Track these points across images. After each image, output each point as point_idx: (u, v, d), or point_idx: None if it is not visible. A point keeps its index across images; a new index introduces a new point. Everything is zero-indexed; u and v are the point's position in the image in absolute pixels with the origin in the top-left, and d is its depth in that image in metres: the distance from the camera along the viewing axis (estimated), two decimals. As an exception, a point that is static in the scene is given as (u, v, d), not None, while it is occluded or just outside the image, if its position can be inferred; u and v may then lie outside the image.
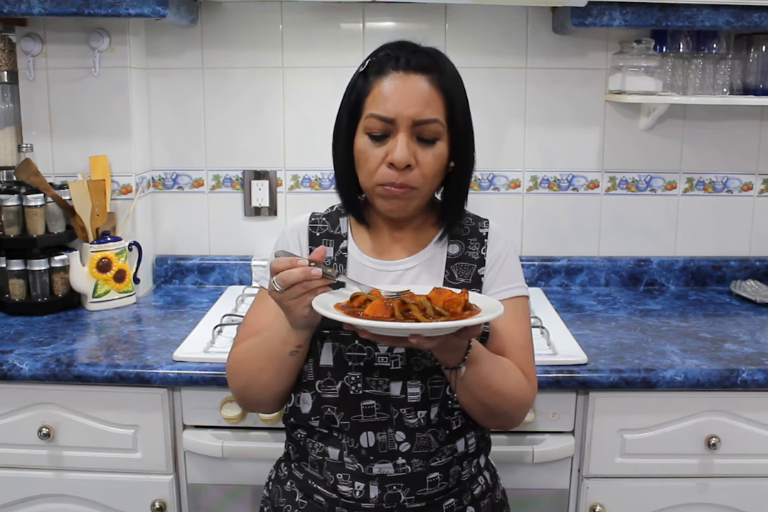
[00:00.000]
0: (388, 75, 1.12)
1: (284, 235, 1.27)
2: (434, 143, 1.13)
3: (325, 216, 1.27)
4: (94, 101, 1.89)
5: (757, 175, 2.08)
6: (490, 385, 1.08)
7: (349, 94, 1.16)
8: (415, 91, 1.10)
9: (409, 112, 1.09)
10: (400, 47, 1.15)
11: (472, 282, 1.20)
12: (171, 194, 2.08)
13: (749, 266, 2.10)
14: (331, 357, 1.15)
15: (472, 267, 1.21)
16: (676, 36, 1.94)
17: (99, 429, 1.51)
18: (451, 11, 1.99)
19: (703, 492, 1.53)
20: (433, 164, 1.13)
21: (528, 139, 2.05)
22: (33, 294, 1.81)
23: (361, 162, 1.15)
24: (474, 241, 1.23)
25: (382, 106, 1.10)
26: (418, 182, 1.13)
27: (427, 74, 1.12)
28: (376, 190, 1.14)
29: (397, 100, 1.10)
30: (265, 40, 2.00)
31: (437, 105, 1.11)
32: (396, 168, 1.11)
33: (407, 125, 1.10)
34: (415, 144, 1.11)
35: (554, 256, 2.09)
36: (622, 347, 1.60)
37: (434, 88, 1.11)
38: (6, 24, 1.89)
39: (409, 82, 1.11)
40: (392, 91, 1.11)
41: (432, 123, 1.11)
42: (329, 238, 1.23)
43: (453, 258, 1.22)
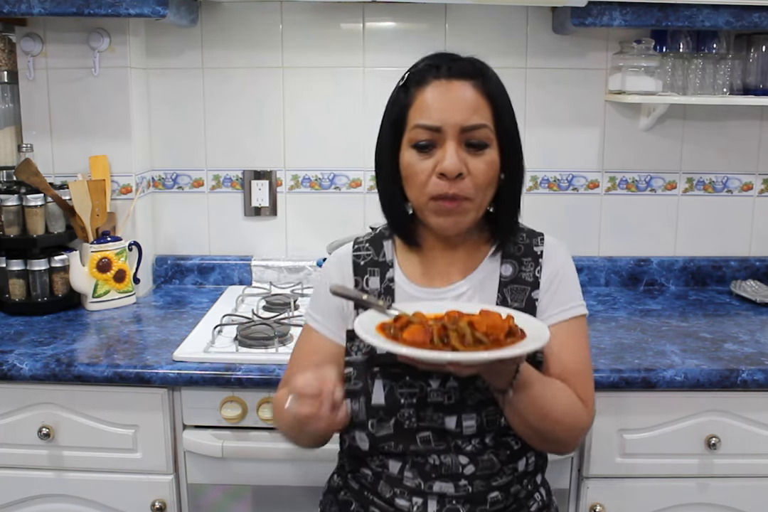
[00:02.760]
0: (431, 84, 1.08)
1: (327, 266, 1.22)
2: (484, 150, 1.08)
3: (369, 240, 1.21)
4: (94, 101, 1.89)
5: (757, 175, 2.08)
6: (541, 409, 1.04)
7: (390, 108, 1.13)
8: (460, 97, 1.07)
9: (455, 118, 1.06)
10: (439, 57, 1.13)
11: (525, 306, 1.14)
12: (171, 194, 2.08)
13: (749, 266, 2.10)
14: (383, 395, 1.10)
15: (525, 290, 1.15)
16: (676, 36, 1.94)
17: (99, 429, 1.51)
18: (451, 11, 1.99)
19: (703, 492, 1.53)
20: (485, 172, 1.08)
21: (528, 139, 2.02)
22: (33, 294, 1.81)
23: (410, 177, 1.10)
24: (528, 260, 1.17)
25: (427, 115, 1.07)
26: (471, 192, 1.08)
27: (470, 80, 1.08)
28: (428, 206, 1.09)
29: (443, 108, 1.07)
30: (265, 40, 2.00)
31: (484, 110, 1.08)
32: (447, 178, 1.06)
33: (455, 132, 1.06)
34: (464, 152, 1.07)
35: (554, 256, 2.09)
36: (622, 347, 1.60)
37: (479, 93, 1.08)
38: (6, 24, 1.89)
39: (452, 89, 1.08)
40: (436, 98, 1.07)
41: (480, 128, 1.07)
42: (374, 267, 1.18)
43: (506, 280, 1.16)
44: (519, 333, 0.97)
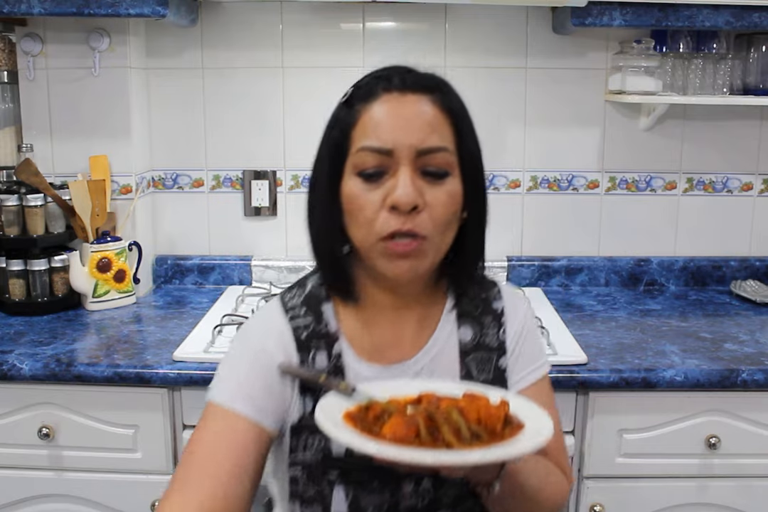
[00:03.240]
0: (379, 98, 0.90)
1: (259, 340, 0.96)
2: (445, 179, 0.90)
3: (304, 303, 0.98)
4: (94, 101, 1.89)
5: (757, 175, 2.08)
6: (528, 494, 0.92)
7: (329, 130, 0.95)
8: (415, 113, 0.89)
9: (410, 139, 0.88)
10: (391, 69, 0.94)
11: (493, 377, 0.99)
12: (171, 194, 2.08)
13: (749, 266, 2.10)
14: (345, 505, 0.92)
15: (490, 358, 0.99)
16: (676, 36, 1.94)
17: (99, 429, 1.51)
18: (451, 11, 1.99)
19: (703, 492, 1.53)
20: (446, 204, 0.90)
21: (528, 139, 2.05)
22: (33, 294, 1.81)
23: (353, 212, 0.90)
24: (489, 321, 1.01)
25: (375, 134, 0.88)
26: (429, 229, 0.89)
27: (428, 94, 0.91)
28: (377, 248, 0.90)
29: (394, 126, 0.88)
30: (265, 40, 2.00)
31: (444, 131, 0.90)
32: (400, 211, 0.87)
33: (410, 156, 0.88)
34: (421, 180, 0.89)
35: (554, 256, 2.09)
36: (622, 347, 1.60)
37: (439, 110, 0.90)
38: (6, 24, 1.89)
39: (407, 104, 0.89)
40: (387, 115, 0.89)
41: (440, 152, 0.89)
42: (318, 340, 0.96)
43: (467, 347, 0.99)
44: (515, 420, 0.83)
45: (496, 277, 1.08)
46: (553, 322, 1.71)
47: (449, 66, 2.00)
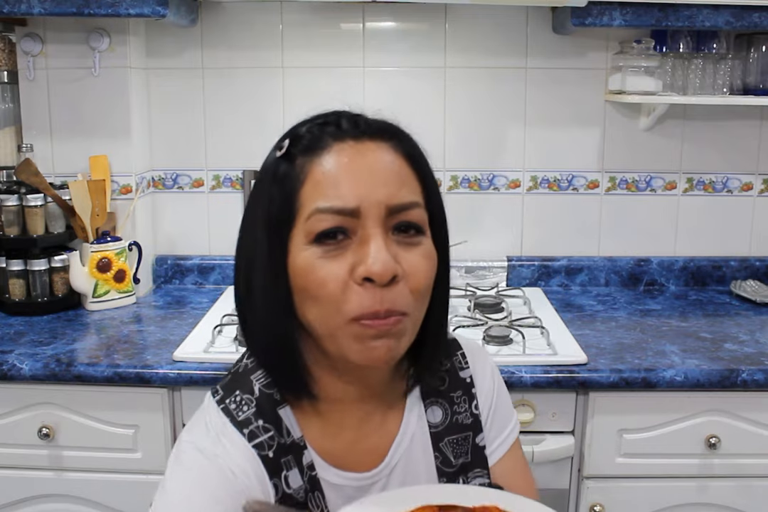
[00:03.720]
0: (331, 149, 0.74)
1: (220, 464, 0.76)
2: (420, 238, 0.75)
3: (259, 414, 0.79)
4: (94, 101, 1.89)
5: (757, 175, 2.08)
6: None
7: (264, 194, 0.78)
8: (380, 164, 0.74)
9: (378, 194, 0.72)
10: (332, 113, 0.80)
11: (472, 459, 0.87)
12: (171, 194, 2.08)
13: (749, 266, 2.10)
14: None
15: (467, 437, 0.87)
16: (676, 36, 1.94)
17: (99, 429, 1.51)
18: (451, 11, 1.99)
19: (703, 492, 1.53)
20: (425, 270, 0.75)
21: (528, 139, 2.05)
22: (33, 294, 1.81)
23: (309, 290, 0.73)
24: (459, 395, 0.88)
25: (334, 193, 0.72)
26: (409, 303, 0.74)
27: (387, 141, 0.76)
28: (345, 331, 0.73)
29: (358, 180, 0.73)
30: (265, 40, 2.00)
31: (412, 182, 0.76)
32: (376, 284, 0.71)
33: (379, 215, 0.72)
34: (393, 244, 0.74)
35: (554, 256, 2.09)
36: (622, 347, 1.60)
37: (403, 158, 0.76)
38: (6, 24, 1.88)
39: (367, 153, 0.75)
40: (345, 168, 0.73)
41: (413, 208, 0.75)
42: (286, 455, 0.79)
43: (438, 429, 0.86)
44: None
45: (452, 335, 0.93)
46: (553, 322, 1.71)
47: (449, 66, 2.00)
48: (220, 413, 0.80)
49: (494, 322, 1.68)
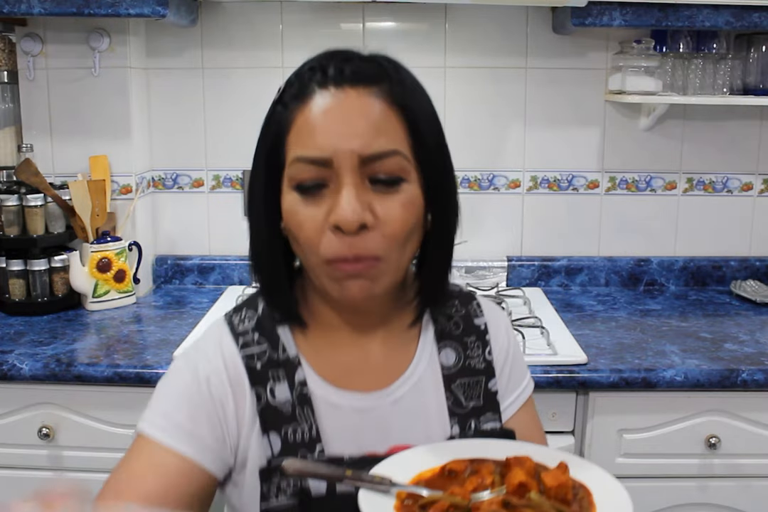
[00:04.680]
0: (314, 96, 0.76)
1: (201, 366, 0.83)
2: (399, 186, 0.76)
3: (257, 328, 0.85)
4: (94, 101, 1.89)
5: (757, 175, 2.08)
6: None
7: (264, 134, 0.82)
8: (357, 113, 0.75)
9: (351, 144, 0.73)
10: (329, 56, 0.82)
11: (484, 403, 0.88)
12: (171, 194, 2.08)
13: (749, 266, 2.10)
14: None
15: (479, 381, 0.89)
16: (676, 36, 1.94)
17: (99, 429, 1.51)
18: (451, 11, 1.99)
19: (703, 492, 1.53)
20: (401, 218, 0.76)
21: (528, 139, 2.05)
22: (33, 294, 1.81)
23: (292, 230, 0.78)
24: (472, 341, 0.91)
25: (311, 142, 0.75)
26: (382, 249, 0.75)
27: (372, 86, 0.77)
28: (323, 271, 0.78)
29: (331, 130, 0.74)
30: (265, 40, 2.00)
31: (394, 129, 0.76)
32: (344, 232, 0.74)
33: (352, 165, 0.74)
34: (369, 192, 0.75)
35: (554, 256, 2.09)
36: (622, 347, 1.60)
37: (387, 104, 0.76)
38: (6, 24, 1.89)
39: (345, 101, 0.75)
40: (322, 117, 0.75)
41: (390, 156, 0.75)
42: (276, 369, 0.83)
43: (451, 372, 0.88)
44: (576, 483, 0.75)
45: (471, 290, 0.98)
46: (553, 322, 1.71)
47: (449, 66, 2.00)
48: (223, 323, 0.87)
49: (494, 322, 1.68)
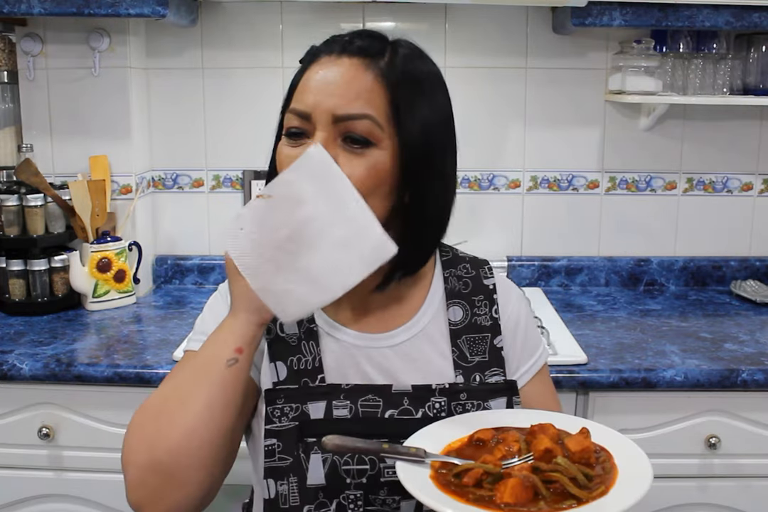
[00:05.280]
0: (318, 61, 0.88)
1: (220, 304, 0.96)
2: (366, 149, 0.84)
3: None
4: (94, 101, 1.89)
5: (757, 175, 2.08)
6: None
7: (287, 95, 0.94)
8: (341, 77, 0.84)
9: (328, 102, 0.83)
10: (355, 32, 0.90)
11: (490, 358, 0.94)
12: (171, 194, 2.08)
13: (749, 266, 2.10)
14: (323, 473, 0.87)
15: (485, 338, 0.94)
16: (676, 36, 1.94)
17: (99, 429, 1.51)
18: (451, 11, 1.99)
19: (703, 492, 1.53)
20: (360, 178, 0.82)
21: (528, 139, 2.05)
22: (33, 294, 1.81)
23: (278, 168, 0.90)
24: (480, 299, 0.96)
25: (300, 97, 0.87)
26: None
27: (367, 58, 0.85)
28: None
29: (316, 89, 0.85)
30: (265, 40, 2.00)
31: (375, 98, 0.84)
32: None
33: (326, 121, 0.83)
34: (338, 148, 0.84)
35: (554, 256, 2.09)
36: (622, 347, 1.60)
37: (375, 76, 0.84)
38: (6, 24, 1.89)
39: (336, 67, 0.85)
40: (314, 78, 0.86)
41: (360, 119, 0.83)
42: None
43: (457, 327, 0.94)
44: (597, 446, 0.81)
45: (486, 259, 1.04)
46: (553, 322, 1.71)
47: (449, 66, 2.00)
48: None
49: (494, 322, 1.68)
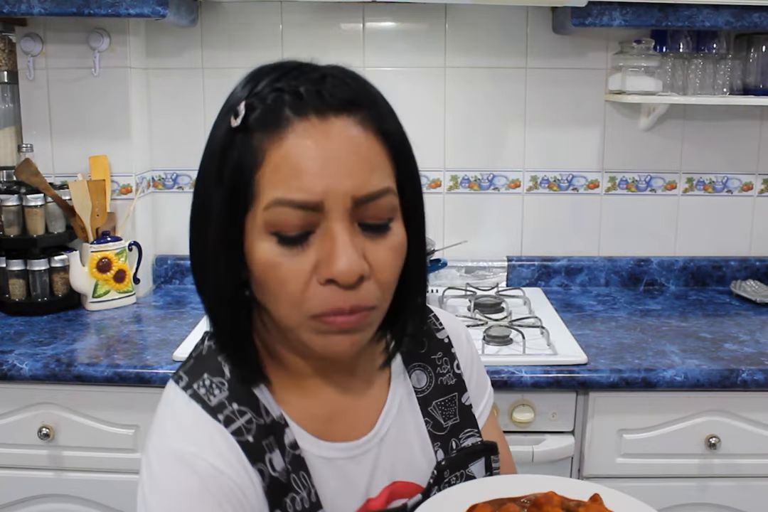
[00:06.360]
0: (292, 126, 0.65)
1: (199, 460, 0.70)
2: (388, 229, 0.69)
3: (232, 397, 0.73)
4: (94, 101, 1.89)
5: (757, 175, 2.08)
6: None
7: (219, 170, 0.69)
8: (345, 147, 0.65)
9: (344, 185, 0.65)
10: (291, 73, 0.70)
11: (461, 419, 0.85)
12: (171, 194, 2.08)
13: (749, 266, 2.10)
14: None
15: (453, 398, 0.84)
16: (676, 36, 1.94)
17: (99, 429, 1.51)
18: (451, 11, 1.99)
19: (703, 492, 1.53)
20: (393, 264, 0.69)
21: (528, 139, 2.05)
22: (33, 294, 1.81)
23: (268, 284, 0.68)
24: (440, 357, 0.85)
25: (295, 183, 0.64)
26: (377, 298, 0.69)
27: (355, 113, 0.67)
28: (307, 325, 0.69)
29: (323, 170, 0.64)
30: (265, 40, 2.00)
31: (383, 163, 0.68)
32: (342, 285, 0.65)
33: (345, 208, 0.65)
34: (359, 237, 0.67)
35: (554, 256, 2.09)
36: (622, 347, 1.60)
37: (371, 133, 0.68)
38: (6, 24, 1.88)
39: (334, 134, 0.65)
40: (310, 155, 0.65)
41: (384, 196, 0.67)
42: (267, 437, 0.72)
43: (425, 394, 0.83)
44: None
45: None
46: (553, 322, 1.71)
47: (449, 66, 2.00)
48: (190, 400, 0.74)
49: (494, 322, 1.68)
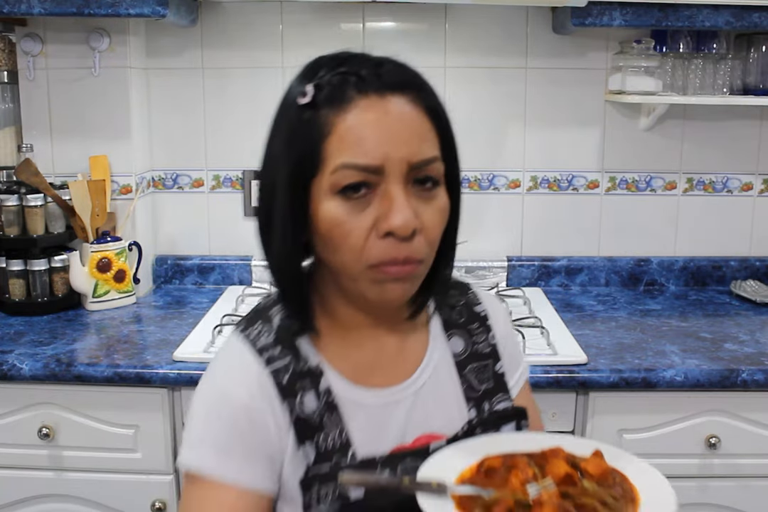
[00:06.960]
0: (356, 104, 0.77)
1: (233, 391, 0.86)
2: (435, 191, 0.80)
3: (277, 342, 0.86)
4: (94, 101, 1.89)
5: (757, 175, 2.08)
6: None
7: (288, 139, 0.80)
8: (402, 121, 0.78)
9: (401, 152, 0.76)
10: (352, 60, 0.85)
11: (495, 385, 0.94)
12: (171, 194, 2.08)
13: (749, 266, 2.10)
14: None
15: (487, 365, 0.94)
16: (676, 36, 1.94)
17: (99, 429, 1.51)
18: (451, 11, 1.99)
19: (703, 492, 1.53)
20: (440, 224, 0.81)
21: (528, 139, 2.05)
22: (33, 294, 1.81)
23: (333, 238, 0.78)
24: (476, 327, 0.96)
25: (360, 150, 0.76)
26: (426, 252, 0.80)
27: (408, 93, 0.80)
28: (365, 275, 0.79)
29: (382, 139, 0.76)
30: (265, 40, 2.00)
31: (431, 135, 0.80)
32: (398, 237, 0.76)
33: (401, 172, 0.77)
34: (413, 197, 0.78)
35: (554, 256, 2.09)
36: (622, 347, 1.60)
37: (421, 110, 0.80)
38: (6, 24, 1.89)
39: (391, 109, 0.77)
40: (371, 126, 0.76)
41: (432, 163, 0.79)
42: (302, 380, 0.84)
43: (461, 359, 0.93)
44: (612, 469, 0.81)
45: (465, 279, 1.03)
46: (553, 322, 1.71)
47: (449, 66, 2.00)
48: (242, 339, 0.87)
49: (494, 322, 1.68)
